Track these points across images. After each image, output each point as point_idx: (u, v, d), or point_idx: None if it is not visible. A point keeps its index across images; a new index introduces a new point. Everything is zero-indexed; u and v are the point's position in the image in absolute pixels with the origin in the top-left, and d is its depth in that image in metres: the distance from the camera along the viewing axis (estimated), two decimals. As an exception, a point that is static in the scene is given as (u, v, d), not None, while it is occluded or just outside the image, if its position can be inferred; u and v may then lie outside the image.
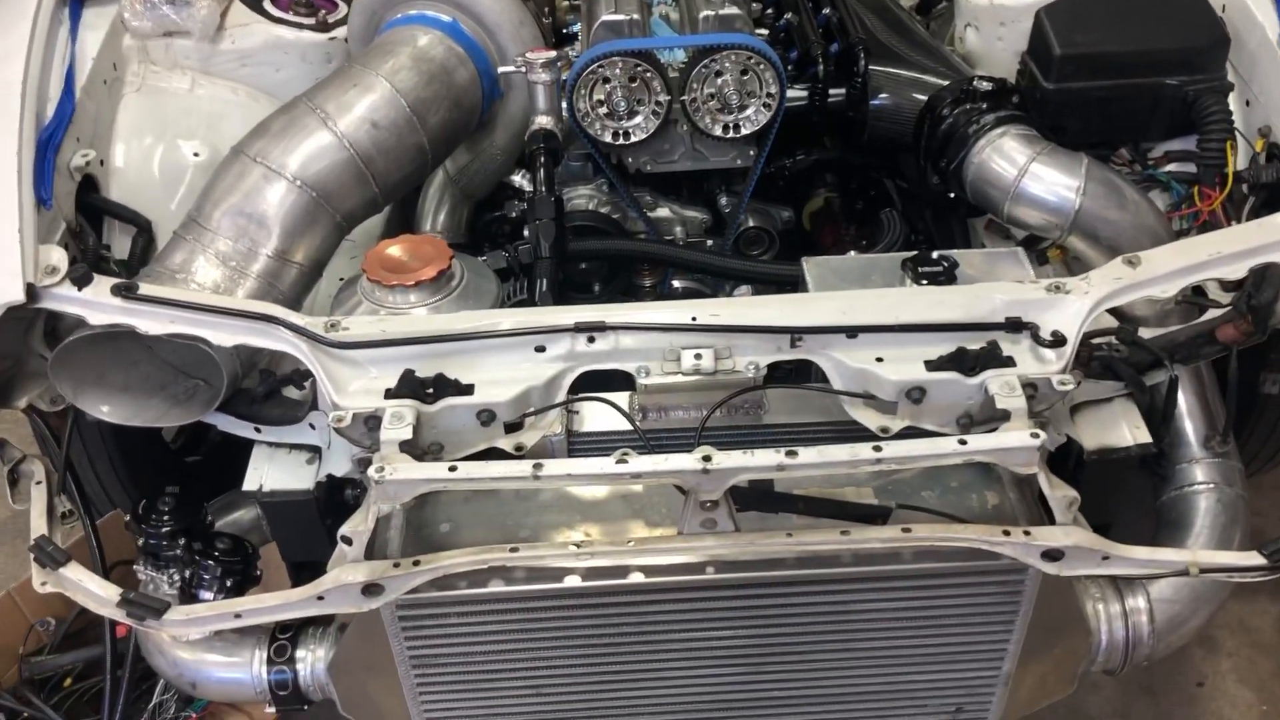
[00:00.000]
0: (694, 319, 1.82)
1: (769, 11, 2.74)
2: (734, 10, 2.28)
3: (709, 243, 2.55)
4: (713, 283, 2.57)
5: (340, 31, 2.56)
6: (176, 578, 1.92)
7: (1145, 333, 1.99)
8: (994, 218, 2.35)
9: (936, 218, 2.62)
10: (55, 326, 1.97)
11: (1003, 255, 2.09)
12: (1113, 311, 1.97)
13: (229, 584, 1.95)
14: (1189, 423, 2.10)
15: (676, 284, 2.59)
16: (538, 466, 1.60)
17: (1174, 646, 2.00)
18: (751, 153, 2.40)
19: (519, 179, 2.66)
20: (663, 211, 2.53)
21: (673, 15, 2.54)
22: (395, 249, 2.00)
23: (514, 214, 2.62)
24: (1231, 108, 2.25)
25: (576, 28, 2.66)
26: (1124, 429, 2.00)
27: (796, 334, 1.81)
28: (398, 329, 1.81)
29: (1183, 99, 2.25)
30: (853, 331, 1.80)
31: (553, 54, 2.21)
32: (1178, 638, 1.98)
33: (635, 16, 2.29)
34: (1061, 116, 2.28)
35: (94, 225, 2.23)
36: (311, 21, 2.55)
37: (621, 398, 1.86)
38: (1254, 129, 2.24)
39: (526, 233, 2.22)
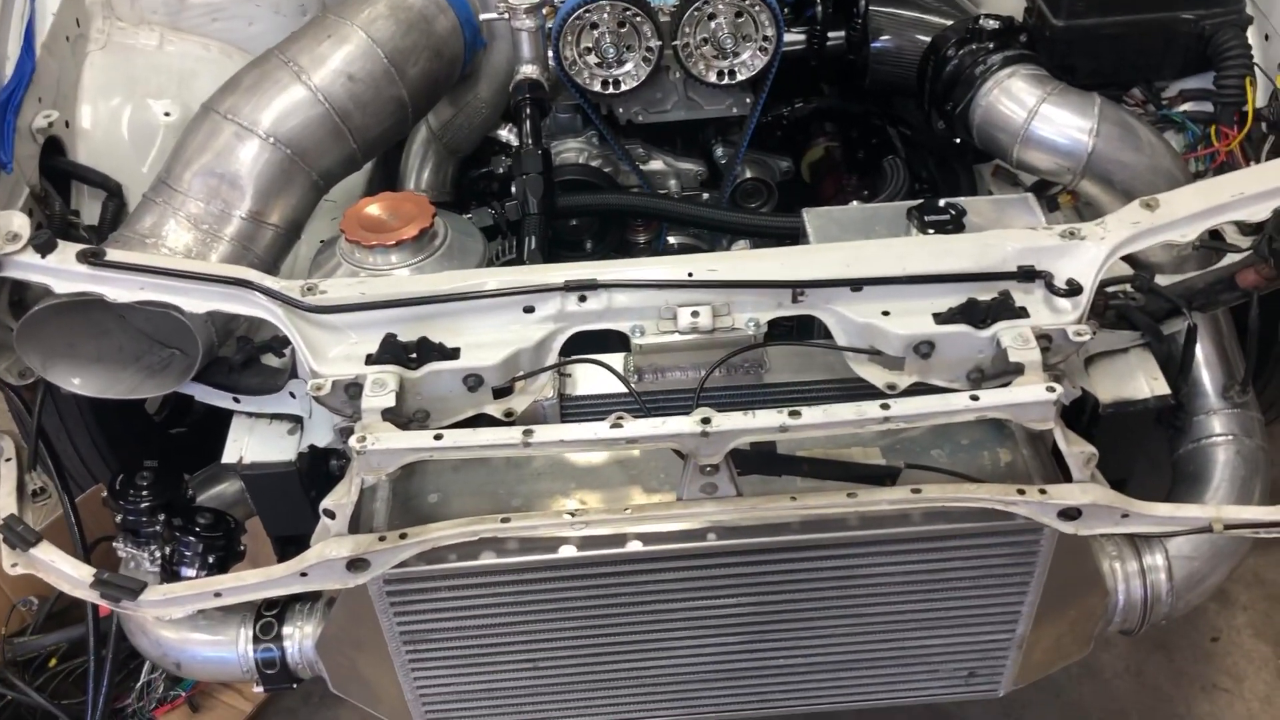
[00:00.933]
0: (690, 274, 1.73)
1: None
2: (727, -50, 2.17)
3: (705, 196, 2.46)
4: (710, 238, 2.48)
5: (316, -17, 2.45)
6: (157, 554, 1.86)
7: (1162, 280, 1.91)
8: (1002, 163, 2.26)
9: (942, 165, 2.52)
10: (21, 296, 1.88)
11: (1012, 202, 2.00)
12: (1128, 259, 1.88)
13: (211, 560, 1.88)
14: (1207, 373, 2.02)
15: (672, 240, 2.51)
16: (528, 433, 1.53)
17: (1192, 604, 1.93)
18: (748, 100, 2.30)
19: (505, 133, 2.55)
20: (656, 164, 2.44)
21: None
22: (375, 208, 1.91)
23: (501, 170, 2.52)
24: (1250, 42, 2.14)
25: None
26: (1141, 380, 1.92)
27: (798, 288, 1.73)
28: (378, 291, 1.73)
29: (1199, 34, 2.15)
30: (857, 284, 1.72)
31: (536, -1, 2.11)
32: (1197, 595, 1.91)
33: (625, -38, 2.18)
34: (1071, 55, 2.18)
35: (61, 190, 2.13)
36: (285, -29, 2.44)
37: (616, 359, 1.77)
38: (1274, 64, 2.14)
39: (514, 189, 2.12)
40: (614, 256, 2.42)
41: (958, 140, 2.24)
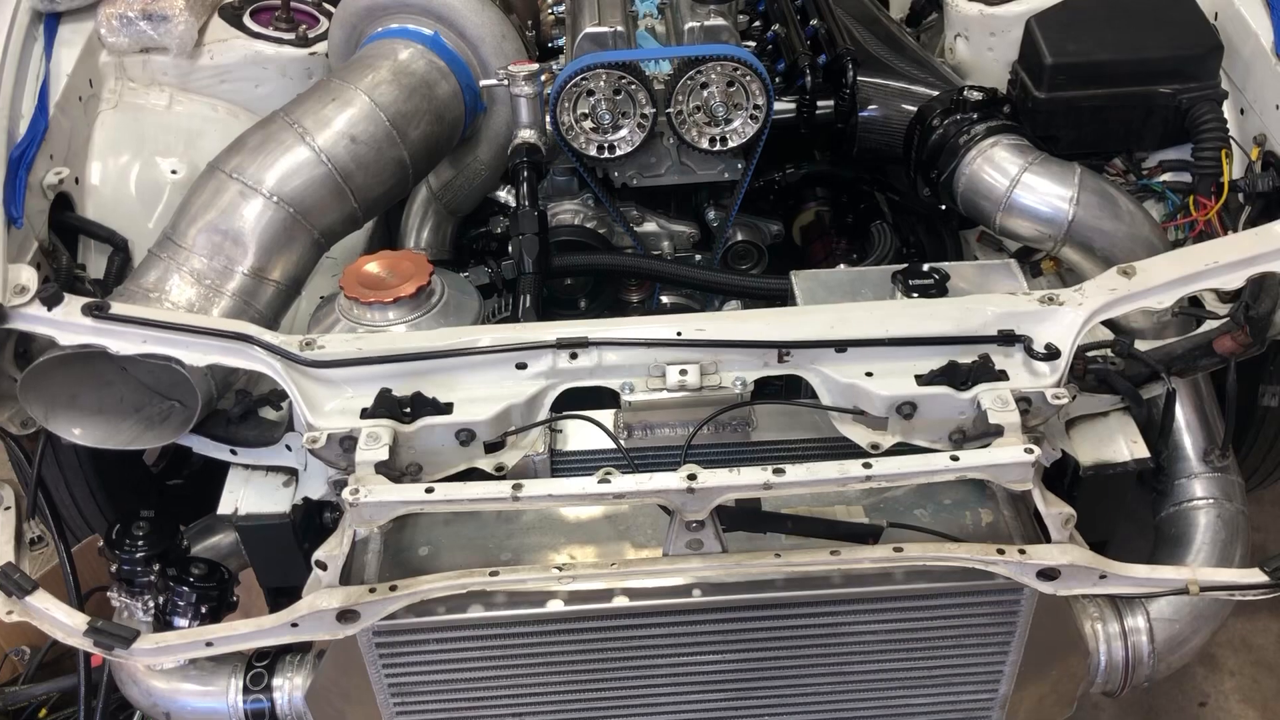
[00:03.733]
0: (679, 334, 1.77)
1: (756, 24, 2.71)
2: (720, 21, 2.25)
3: (697, 257, 2.52)
4: (701, 298, 2.53)
5: (321, 46, 2.53)
6: (150, 604, 1.87)
7: (1141, 345, 1.95)
8: (986, 230, 2.31)
9: (928, 230, 2.58)
10: (27, 348, 1.92)
11: (995, 267, 2.04)
12: (1108, 323, 1.93)
13: (204, 610, 1.90)
14: (1187, 437, 2.05)
15: (665, 299, 2.55)
16: (518, 487, 1.56)
17: (1175, 666, 1.94)
18: (739, 165, 2.36)
19: (504, 194, 2.63)
20: (650, 226, 2.49)
21: (658, 28, 2.51)
22: (373, 265, 1.96)
23: (499, 229, 2.59)
24: (1226, 116, 2.21)
25: (561, 41, 2.63)
26: (1121, 444, 1.95)
27: (784, 348, 1.77)
28: (374, 347, 1.77)
29: (1176, 108, 2.22)
30: (842, 345, 1.76)
31: (535, 67, 2.18)
32: (1179, 658, 1.93)
33: (620, 29, 2.26)
34: (1054, 126, 2.25)
35: (69, 244, 2.19)
36: (291, 36, 2.52)
37: (606, 415, 1.81)
38: (1249, 137, 2.21)
39: (510, 248, 2.18)
40: (608, 315, 2.47)
41: (943, 207, 2.30)
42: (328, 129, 2.07)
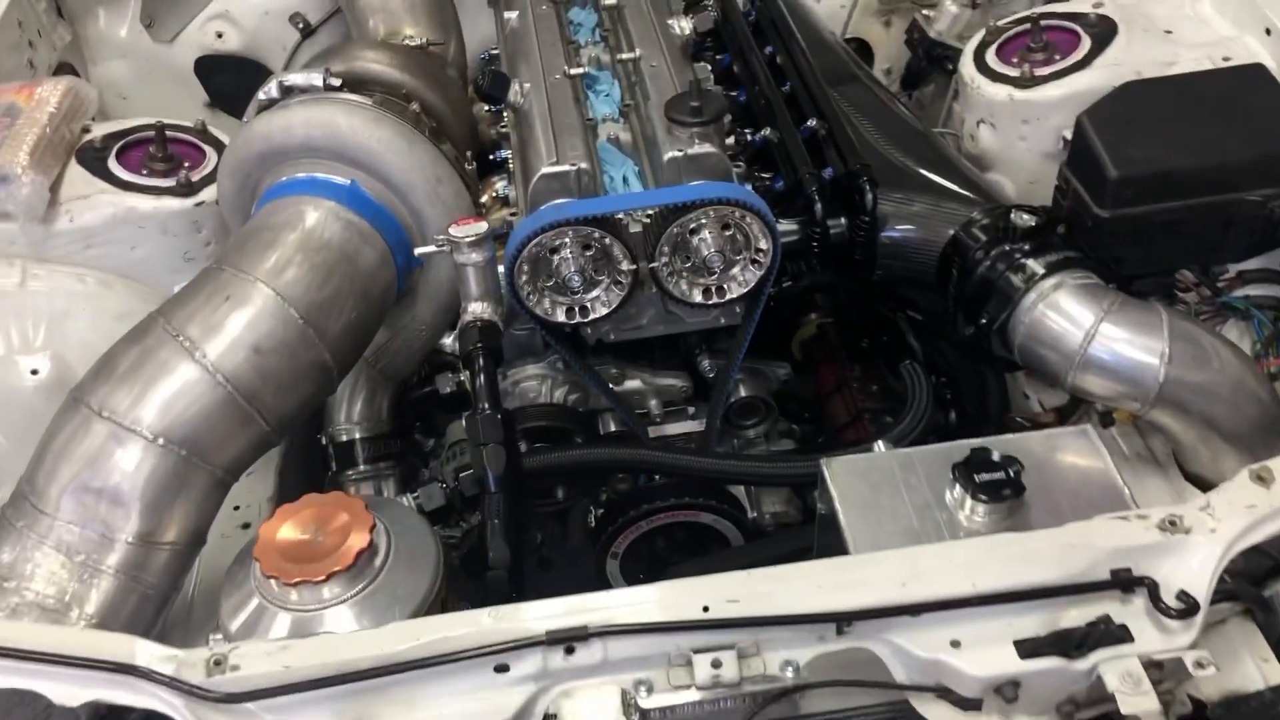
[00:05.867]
0: (706, 609, 1.36)
1: (745, 133, 2.19)
2: (708, 149, 1.80)
3: (690, 410, 2.10)
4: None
5: (210, 192, 2.04)
6: None
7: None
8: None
9: (958, 349, 2.17)
10: None
11: (1069, 437, 1.67)
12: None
13: None
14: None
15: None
16: None
17: None
18: (738, 310, 1.93)
19: (450, 341, 2.16)
20: (632, 384, 2.06)
21: (623, 136, 2.06)
22: (292, 529, 1.51)
23: (448, 389, 2.14)
24: (1327, 222, 1.83)
25: (506, 154, 2.16)
26: (1249, 664, 1.57)
27: (844, 620, 1.36)
28: (308, 662, 1.33)
29: (1265, 216, 1.82)
30: (916, 609, 1.36)
31: (482, 227, 1.71)
32: None
33: (583, 166, 1.80)
34: (1118, 247, 1.85)
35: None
36: (172, 183, 2.03)
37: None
38: (1356, 249, 1.83)
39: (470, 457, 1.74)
40: (590, 498, 2.04)
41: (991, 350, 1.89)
42: (222, 339, 1.60)
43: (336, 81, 1.91)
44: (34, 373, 1.88)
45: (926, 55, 2.50)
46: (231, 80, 2.85)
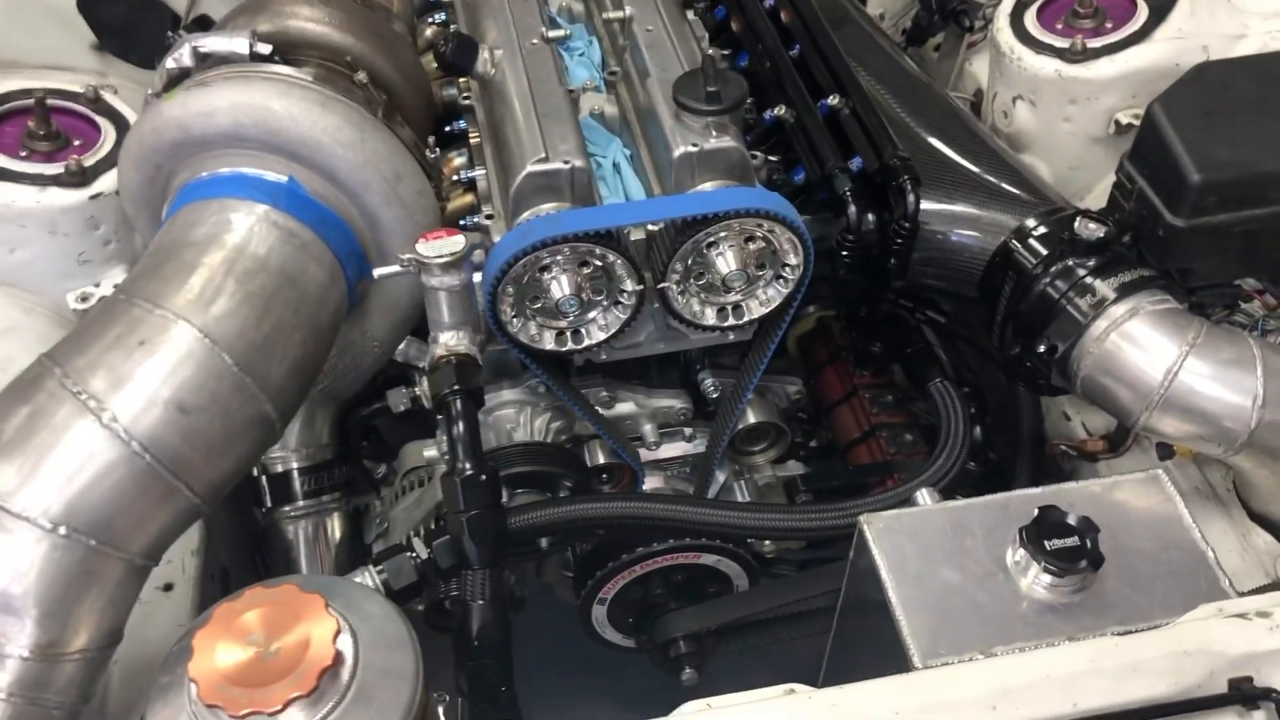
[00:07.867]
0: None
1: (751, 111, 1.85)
2: (727, 142, 1.49)
3: (687, 431, 1.82)
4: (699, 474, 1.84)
5: (108, 180, 1.67)
6: None
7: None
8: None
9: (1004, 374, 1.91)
10: None
11: (1138, 485, 1.45)
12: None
13: None
14: None
15: (648, 486, 1.84)
16: None
17: None
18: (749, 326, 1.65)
19: (403, 348, 1.84)
20: (624, 406, 1.77)
21: (608, 109, 1.73)
22: (235, 642, 1.20)
23: (402, 407, 1.82)
24: None
25: (464, 124, 1.82)
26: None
27: (928, 754, 1.12)
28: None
29: (1355, 222, 1.59)
30: (1012, 736, 1.12)
31: (458, 243, 1.38)
32: None
33: (578, 163, 1.48)
34: (1192, 258, 1.61)
35: None
36: (59, 169, 1.65)
37: None
38: None
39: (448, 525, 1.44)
40: (576, 545, 1.77)
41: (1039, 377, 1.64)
42: (136, 394, 1.25)
43: (266, 49, 1.54)
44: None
45: (939, 8, 2.19)
46: (122, 12, 2.40)
